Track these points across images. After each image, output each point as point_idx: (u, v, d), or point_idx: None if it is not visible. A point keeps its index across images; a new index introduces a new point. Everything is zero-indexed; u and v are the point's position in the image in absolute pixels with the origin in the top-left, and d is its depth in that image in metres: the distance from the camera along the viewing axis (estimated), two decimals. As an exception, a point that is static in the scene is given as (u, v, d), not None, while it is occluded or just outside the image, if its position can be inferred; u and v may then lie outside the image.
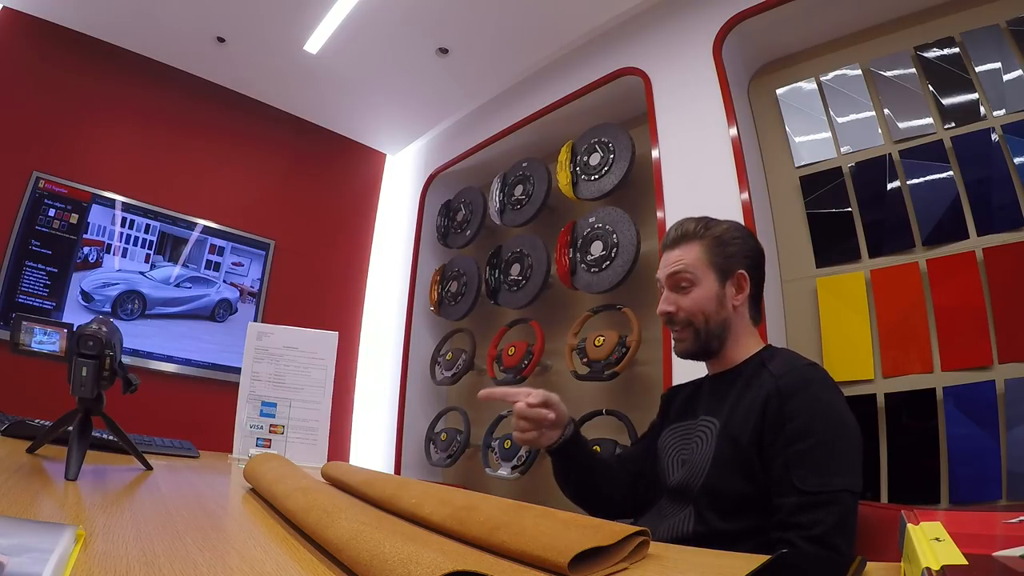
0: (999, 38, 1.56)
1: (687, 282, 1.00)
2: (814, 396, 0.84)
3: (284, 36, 2.58)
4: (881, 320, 1.63)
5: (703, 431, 0.93)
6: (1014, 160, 1.48)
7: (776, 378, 0.86)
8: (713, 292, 0.99)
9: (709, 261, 1.00)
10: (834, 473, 0.77)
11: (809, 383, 0.85)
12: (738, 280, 1.00)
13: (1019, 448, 1.35)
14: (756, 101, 2.04)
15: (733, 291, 1.00)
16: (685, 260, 1.00)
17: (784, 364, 0.90)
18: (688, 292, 0.99)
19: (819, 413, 0.82)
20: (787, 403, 0.82)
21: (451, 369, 2.68)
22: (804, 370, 0.88)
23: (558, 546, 0.40)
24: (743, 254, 1.01)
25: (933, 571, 0.28)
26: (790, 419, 0.81)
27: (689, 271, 1.00)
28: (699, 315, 0.98)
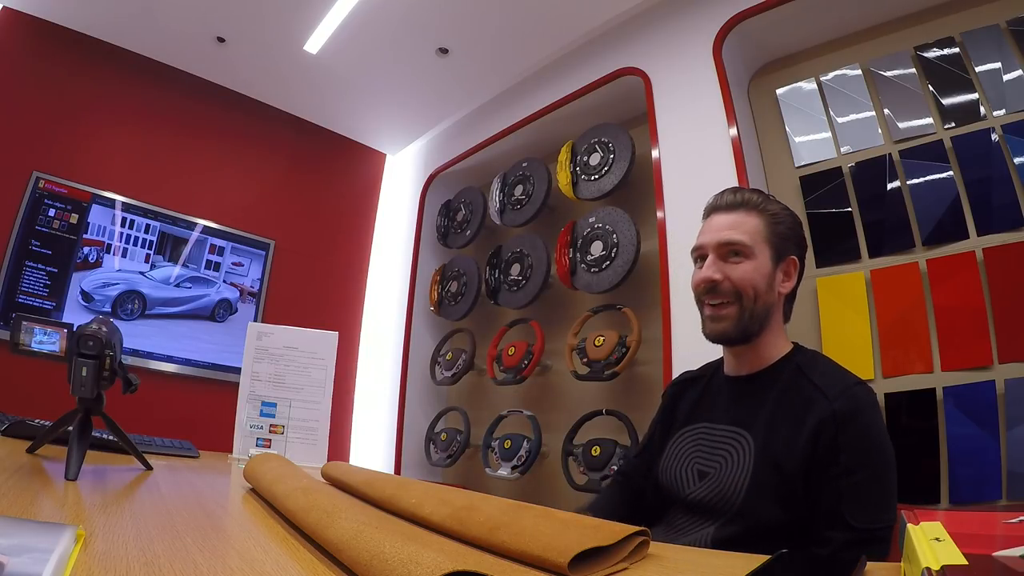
0: (999, 38, 1.56)
1: (742, 253, 0.89)
2: (867, 425, 0.79)
3: (284, 36, 2.58)
4: (881, 320, 1.63)
5: (733, 445, 0.84)
6: (1014, 160, 1.48)
7: (830, 400, 0.79)
8: (768, 269, 0.89)
9: (766, 237, 0.90)
10: (884, 508, 0.75)
11: (863, 409, 0.79)
12: (788, 265, 0.92)
13: (1019, 448, 1.35)
14: (756, 101, 2.04)
15: (782, 276, 0.91)
16: (744, 228, 0.90)
17: (833, 381, 0.82)
18: (740, 264, 0.89)
19: (873, 444, 0.78)
20: (842, 431, 0.77)
21: (451, 369, 2.68)
22: (856, 392, 0.81)
23: (558, 546, 0.40)
24: (796, 241, 0.93)
25: (933, 571, 0.28)
26: (846, 450, 0.76)
27: (747, 241, 0.89)
28: (749, 290, 0.87)
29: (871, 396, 0.81)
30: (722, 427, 0.87)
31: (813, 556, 0.64)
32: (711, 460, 0.86)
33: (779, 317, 0.92)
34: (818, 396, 0.79)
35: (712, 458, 0.86)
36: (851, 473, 0.75)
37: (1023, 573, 0.27)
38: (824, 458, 0.76)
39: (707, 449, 0.88)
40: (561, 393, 2.36)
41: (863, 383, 0.82)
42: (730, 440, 0.85)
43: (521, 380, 2.34)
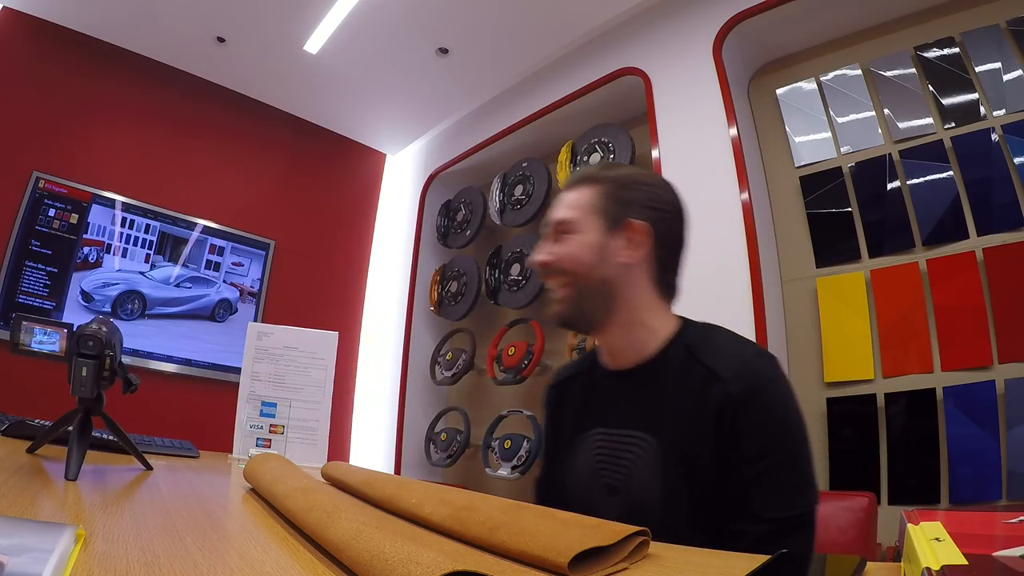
0: (999, 38, 1.56)
1: (568, 230, 0.82)
2: (771, 403, 0.70)
3: (284, 36, 2.58)
4: (881, 320, 1.63)
5: (636, 451, 0.75)
6: (1014, 160, 1.48)
7: (724, 382, 0.71)
8: (593, 240, 0.80)
9: (598, 207, 0.82)
10: (797, 493, 0.68)
11: (763, 386, 0.71)
12: (630, 231, 0.80)
13: (1019, 448, 1.35)
14: (756, 101, 2.04)
15: (623, 244, 0.80)
16: (573, 203, 0.83)
17: (728, 359, 0.73)
18: (566, 241, 0.82)
19: (777, 425, 0.70)
20: (740, 416, 0.69)
21: (451, 369, 2.68)
22: (755, 366, 0.72)
23: (558, 546, 0.40)
24: (647, 203, 0.82)
25: (933, 571, 0.28)
26: (746, 436, 0.69)
27: (572, 215, 0.82)
28: (574, 265, 0.80)
29: (772, 368, 0.73)
30: (619, 432, 0.78)
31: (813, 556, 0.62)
32: (616, 471, 0.77)
33: (639, 293, 0.81)
34: (713, 379, 0.71)
35: (617, 469, 0.77)
36: (755, 461, 0.68)
37: (1023, 573, 0.27)
38: (726, 447, 0.69)
39: (609, 458, 0.78)
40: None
41: (763, 354, 0.75)
42: (632, 446, 0.76)
43: (521, 380, 2.34)
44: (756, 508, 0.67)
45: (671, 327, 0.81)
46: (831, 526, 1.02)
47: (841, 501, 1.06)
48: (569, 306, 0.81)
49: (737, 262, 1.74)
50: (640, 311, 0.81)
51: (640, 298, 0.81)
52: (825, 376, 1.70)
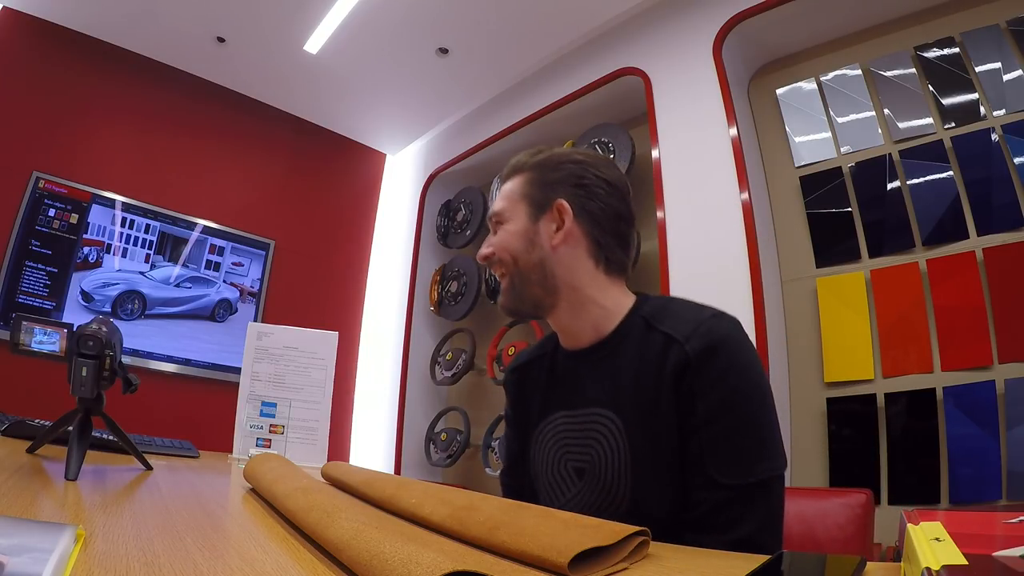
0: (999, 38, 1.56)
1: (501, 220, 0.83)
2: (728, 362, 0.67)
3: (284, 36, 2.58)
4: (881, 320, 1.63)
5: (600, 431, 0.73)
6: (1014, 160, 1.48)
7: (682, 343, 0.68)
8: (520, 228, 0.80)
9: (523, 193, 0.82)
10: (757, 459, 0.65)
11: (722, 343, 0.68)
12: (556, 212, 0.79)
13: (1019, 448, 1.35)
14: (756, 101, 2.04)
15: (551, 228, 0.79)
16: (503, 195, 0.85)
17: (684, 322, 0.71)
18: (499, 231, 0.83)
19: (735, 384, 0.67)
20: (697, 375, 0.66)
21: (451, 369, 2.68)
22: (712, 326, 0.69)
23: (558, 546, 0.40)
24: (569, 181, 0.80)
25: (933, 571, 0.28)
26: (701, 396, 0.66)
27: (500, 207, 0.83)
28: (506, 254, 0.81)
29: (731, 328, 0.70)
30: (583, 411, 0.76)
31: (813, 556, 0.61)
32: (583, 452, 0.75)
33: (581, 273, 0.79)
34: (670, 343, 0.69)
35: (584, 450, 0.75)
36: (711, 422, 0.65)
37: (1023, 573, 0.27)
38: (685, 409, 0.67)
39: (575, 440, 0.77)
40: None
41: (721, 315, 0.72)
42: (597, 426, 0.74)
43: (521, 380, 2.33)
44: (713, 473, 0.64)
45: (627, 303, 0.80)
46: (828, 523, 1.02)
47: (838, 498, 1.06)
48: (511, 295, 0.81)
49: (737, 262, 1.74)
50: (585, 289, 0.79)
51: (581, 278, 0.79)
52: (825, 376, 1.70)
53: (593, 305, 0.79)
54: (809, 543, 0.97)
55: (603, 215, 0.80)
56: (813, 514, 1.01)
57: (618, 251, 0.81)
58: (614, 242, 0.81)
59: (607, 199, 0.80)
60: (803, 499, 1.02)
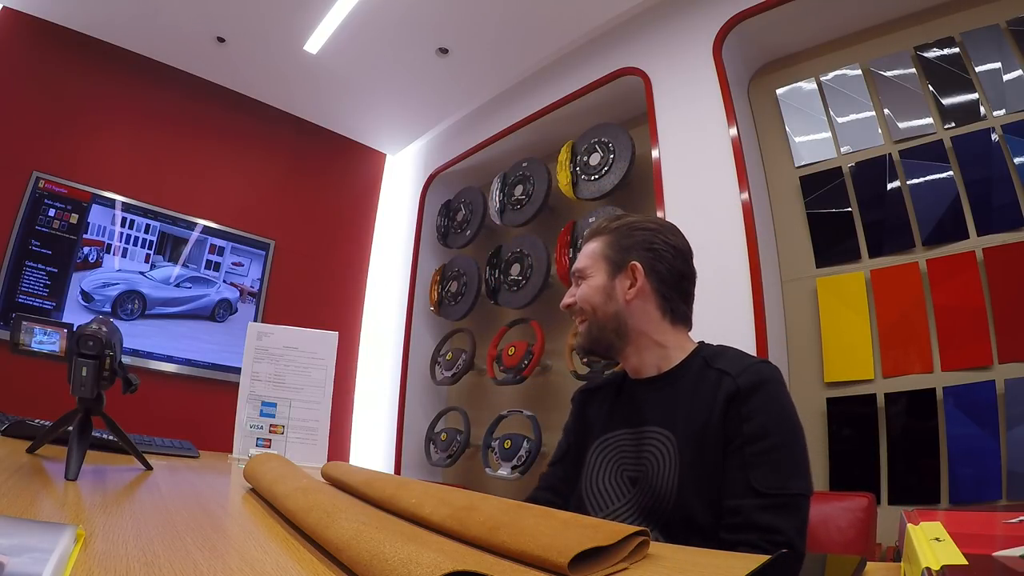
0: (999, 38, 1.56)
1: (583, 276, 0.98)
2: (772, 395, 0.80)
3: (284, 36, 2.58)
4: (881, 320, 1.63)
5: (656, 445, 0.85)
6: (1014, 160, 1.48)
7: (734, 377, 0.81)
8: (600, 283, 0.95)
9: (603, 254, 0.97)
10: (792, 475, 0.75)
11: (766, 381, 0.81)
12: (630, 272, 0.94)
13: (1019, 448, 1.35)
14: (756, 101, 2.04)
15: (625, 284, 0.94)
16: (585, 254, 0.99)
17: (736, 362, 0.85)
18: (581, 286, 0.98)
19: (777, 413, 0.79)
20: (745, 402, 0.79)
21: (451, 369, 2.68)
22: (759, 367, 0.83)
23: (558, 546, 0.40)
24: (642, 246, 0.95)
25: (933, 571, 0.28)
26: (747, 419, 0.78)
27: (583, 264, 0.98)
28: (587, 306, 0.95)
29: (775, 372, 0.83)
30: (642, 429, 0.89)
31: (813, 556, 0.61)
32: (638, 464, 0.87)
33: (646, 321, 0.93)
34: (724, 377, 0.83)
35: (639, 463, 0.87)
36: (755, 441, 0.76)
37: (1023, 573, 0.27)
38: (731, 431, 0.78)
39: (632, 454, 0.89)
40: (561, 393, 2.36)
41: (767, 361, 0.86)
42: (653, 441, 0.86)
43: (521, 380, 2.34)
44: (753, 482, 0.74)
45: (689, 347, 0.93)
46: (831, 526, 1.02)
47: (840, 501, 1.06)
48: (587, 338, 0.96)
49: (737, 262, 1.74)
50: (651, 335, 0.93)
51: (649, 325, 0.93)
52: (825, 376, 1.70)
53: (658, 347, 0.93)
54: (811, 546, 0.97)
55: (669, 275, 0.95)
56: (815, 517, 1.01)
57: (681, 305, 0.96)
58: (678, 297, 0.95)
59: (673, 262, 0.95)
60: (803, 500, 1.02)
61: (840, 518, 1.03)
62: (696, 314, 0.99)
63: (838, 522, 1.03)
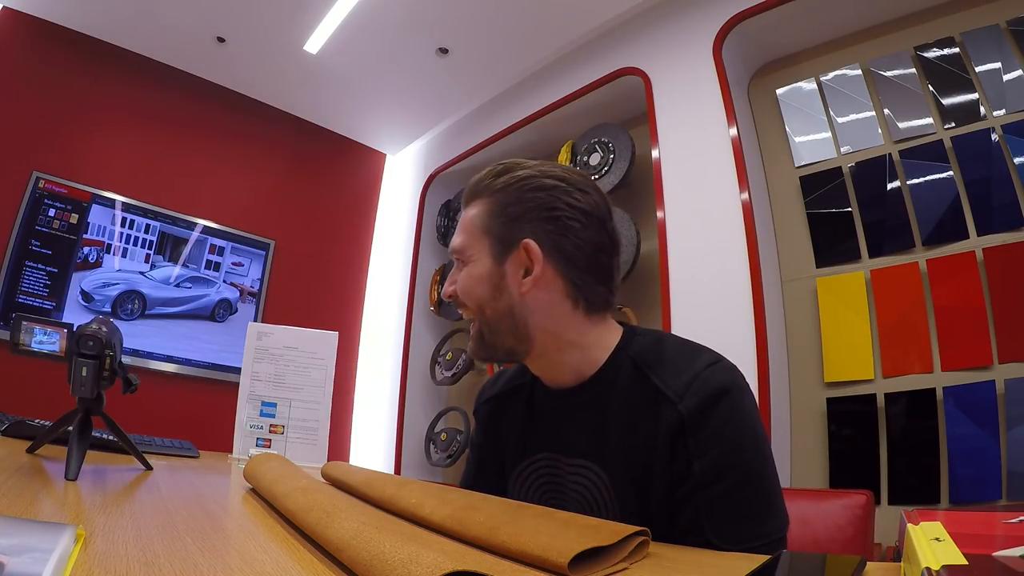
0: (999, 38, 1.56)
1: (462, 259, 0.72)
2: (724, 418, 0.61)
3: (284, 36, 2.58)
4: (881, 320, 1.63)
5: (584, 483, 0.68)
6: (1014, 160, 1.48)
7: (674, 403, 0.62)
8: (484, 271, 0.70)
9: (485, 227, 0.71)
10: (760, 519, 0.59)
11: (716, 396, 0.62)
12: (523, 253, 0.68)
13: (1019, 448, 1.35)
14: (756, 101, 2.04)
15: (519, 271, 0.69)
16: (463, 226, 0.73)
17: (677, 375, 0.64)
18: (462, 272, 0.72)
19: (733, 440, 0.61)
20: (692, 435, 0.61)
21: (451, 369, 2.68)
22: (706, 378, 0.63)
23: (558, 546, 0.40)
24: (539, 213, 0.68)
25: (933, 571, 0.28)
26: (697, 455, 0.60)
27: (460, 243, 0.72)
28: (470, 300, 0.71)
29: (726, 377, 0.63)
30: (566, 460, 0.70)
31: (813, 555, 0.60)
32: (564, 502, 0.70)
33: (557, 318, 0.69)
34: (662, 400, 0.63)
35: (564, 500, 0.70)
36: (708, 485, 0.59)
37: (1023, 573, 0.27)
38: (678, 470, 0.61)
39: (556, 490, 0.71)
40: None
41: (716, 363, 0.65)
42: (580, 477, 0.68)
43: (521, 380, 2.33)
44: (712, 536, 0.58)
45: (611, 341, 0.71)
46: (829, 524, 1.02)
47: (838, 499, 1.06)
48: (478, 343, 0.72)
49: (737, 262, 1.74)
50: (563, 335, 0.70)
51: (557, 323, 0.70)
52: (825, 376, 1.70)
53: (573, 348, 0.70)
54: (810, 544, 0.97)
55: (579, 252, 0.69)
56: (813, 515, 1.01)
57: (599, 288, 0.71)
58: (593, 280, 0.70)
59: (583, 232, 0.69)
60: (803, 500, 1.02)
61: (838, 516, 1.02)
62: (696, 314, 0.96)
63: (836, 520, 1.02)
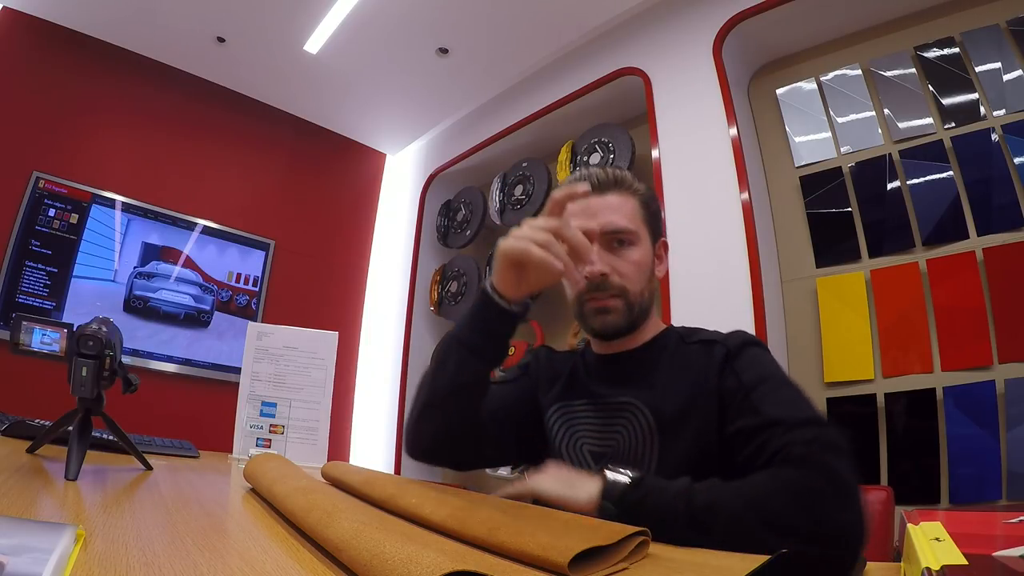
0: (999, 38, 1.56)
1: (627, 240, 0.81)
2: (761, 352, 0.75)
3: (284, 36, 2.58)
4: (881, 320, 1.63)
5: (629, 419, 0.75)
6: (1014, 160, 1.48)
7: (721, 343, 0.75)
8: (647, 258, 0.82)
9: (644, 219, 0.83)
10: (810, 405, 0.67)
11: (752, 343, 0.75)
12: (660, 248, 0.86)
13: (1019, 448, 1.35)
14: (756, 101, 2.04)
15: (657, 261, 0.85)
16: (625, 212, 0.82)
17: (717, 333, 0.79)
18: (623, 253, 0.80)
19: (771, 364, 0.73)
20: (736, 359, 0.72)
21: (451, 369, 2.68)
22: (740, 333, 0.78)
23: (558, 546, 0.40)
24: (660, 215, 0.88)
25: (933, 571, 0.28)
26: (745, 369, 0.71)
27: (632, 226, 0.81)
28: (635, 282, 0.80)
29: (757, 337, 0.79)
30: (610, 402, 0.78)
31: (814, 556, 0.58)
32: (605, 439, 0.76)
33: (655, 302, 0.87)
34: (710, 344, 0.76)
35: (606, 437, 0.76)
36: (756, 386, 0.68)
37: (1023, 573, 0.27)
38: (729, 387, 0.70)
39: (596, 427, 0.78)
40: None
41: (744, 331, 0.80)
42: (623, 413, 0.76)
43: (521, 380, 2.33)
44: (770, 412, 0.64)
45: (660, 326, 0.87)
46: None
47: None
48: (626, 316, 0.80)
49: (737, 262, 1.74)
50: (654, 314, 0.86)
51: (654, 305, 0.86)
52: (825, 376, 1.70)
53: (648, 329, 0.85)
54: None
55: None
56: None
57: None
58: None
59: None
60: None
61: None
62: (696, 314, 0.99)
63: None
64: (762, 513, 0.53)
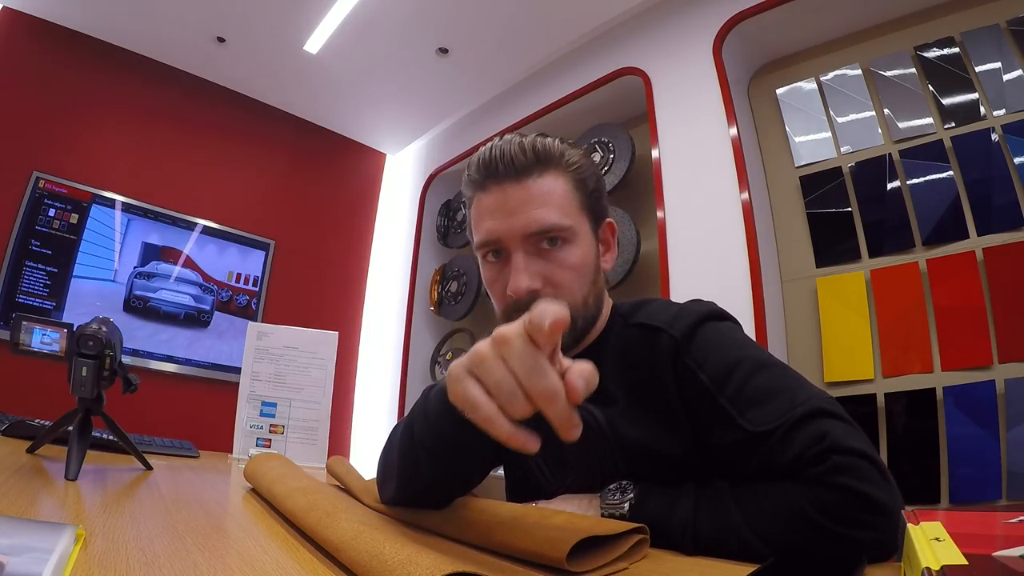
0: (999, 38, 1.56)
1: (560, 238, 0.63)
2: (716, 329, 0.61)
3: (284, 36, 2.58)
4: (881, 320, 1.63)
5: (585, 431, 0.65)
6: (1014, 160, 1.48)
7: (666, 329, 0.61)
8: (592, 251, 0.66)
9: (582, 203, 0.66)
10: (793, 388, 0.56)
11: (705, 318, 0.62)
12: (606, 232, 0.70)
13: (1019, 448, 1.35)
14: (756, 101, 2.04)
15: (603, 249, 0.70)
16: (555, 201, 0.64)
17: (661, 312, 0.65)
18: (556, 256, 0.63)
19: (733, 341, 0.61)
20: (687, 351, 0.59)
21: (451, 369, 2.68)
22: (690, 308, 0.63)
23: (555, 540, 0.40)
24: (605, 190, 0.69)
25: (933, 571, 0.28)
26: (702, 364, 0.58)
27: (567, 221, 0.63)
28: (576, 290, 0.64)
29: (709, 306, 0.65)
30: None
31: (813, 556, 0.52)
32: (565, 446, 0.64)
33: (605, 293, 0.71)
34: (653, 332, 0.62)
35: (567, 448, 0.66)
36: (723, 384, 0.56)
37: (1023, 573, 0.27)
38: (692, 391, 0.58)
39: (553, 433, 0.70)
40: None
41: (697, 301, 0.66)
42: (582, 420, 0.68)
43: (521, 380, 2.33)
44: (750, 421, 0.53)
45: (608, 309, 0.73)
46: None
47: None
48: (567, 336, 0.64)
49: (737, 262, 1.74)
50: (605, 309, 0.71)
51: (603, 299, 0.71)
52: (825, 376, 1.70)
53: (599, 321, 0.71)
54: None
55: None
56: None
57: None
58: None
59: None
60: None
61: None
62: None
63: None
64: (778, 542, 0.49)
